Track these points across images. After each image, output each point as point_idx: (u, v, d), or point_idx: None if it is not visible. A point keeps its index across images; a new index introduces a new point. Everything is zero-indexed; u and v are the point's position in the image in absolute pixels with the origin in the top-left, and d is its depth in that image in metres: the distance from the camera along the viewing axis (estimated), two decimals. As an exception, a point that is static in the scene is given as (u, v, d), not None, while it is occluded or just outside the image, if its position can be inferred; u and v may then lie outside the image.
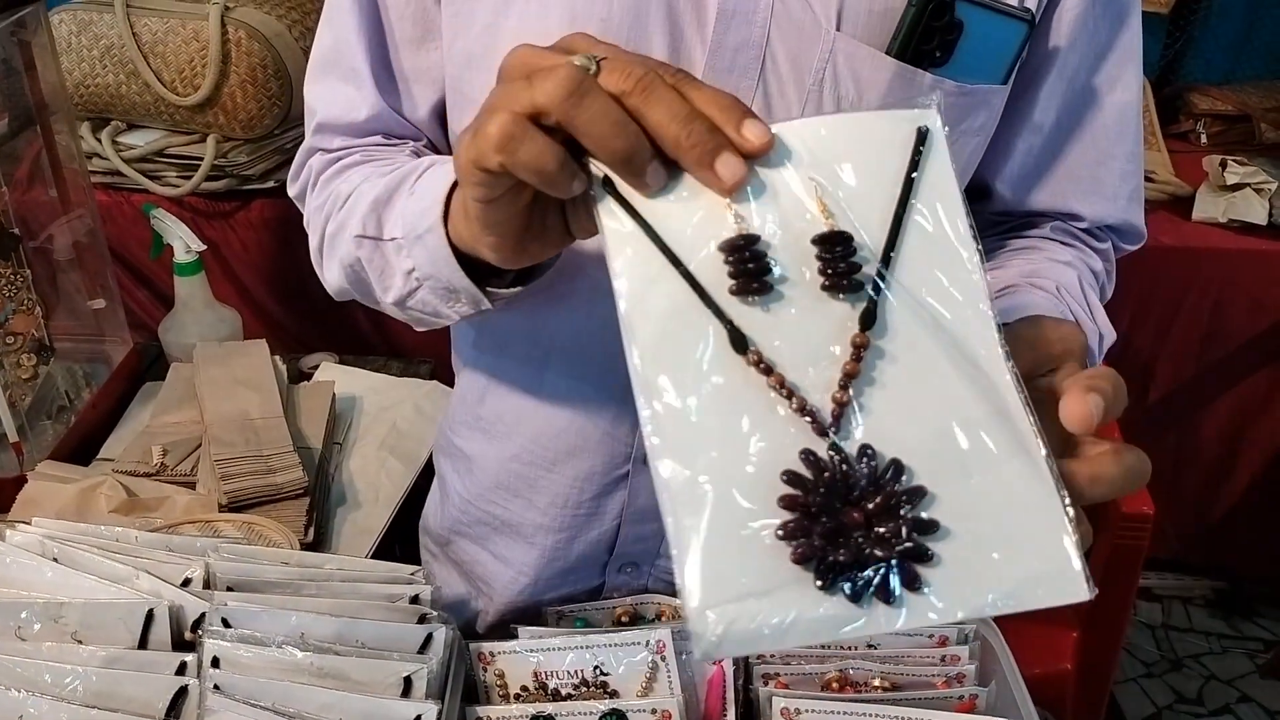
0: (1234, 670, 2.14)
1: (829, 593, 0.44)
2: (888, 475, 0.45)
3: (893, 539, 0.44)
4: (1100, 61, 0.76)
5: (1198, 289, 1.86)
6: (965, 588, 0.44)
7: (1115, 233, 0.84)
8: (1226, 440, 2.01)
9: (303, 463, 1.15)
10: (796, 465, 0.45)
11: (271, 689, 0.71)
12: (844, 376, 0.47)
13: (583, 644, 0.77)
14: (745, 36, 0.67)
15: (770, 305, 0.47)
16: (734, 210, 0.48)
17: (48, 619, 0.76)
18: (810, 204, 0.48)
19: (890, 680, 0.77)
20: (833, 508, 0.45)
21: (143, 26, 1.63)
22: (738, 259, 0.47)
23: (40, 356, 1.24)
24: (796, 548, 0.44)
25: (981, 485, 0.46)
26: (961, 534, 0.45)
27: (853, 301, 0.47)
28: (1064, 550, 0.45)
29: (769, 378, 0.46)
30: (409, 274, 0.68)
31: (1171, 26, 2.18)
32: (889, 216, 0.48)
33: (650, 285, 0.48)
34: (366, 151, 0.80)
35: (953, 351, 0.47)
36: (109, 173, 1.70)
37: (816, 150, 0.49)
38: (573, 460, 0.83)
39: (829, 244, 0.48)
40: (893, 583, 0.44)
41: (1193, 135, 2.09)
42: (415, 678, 0.73)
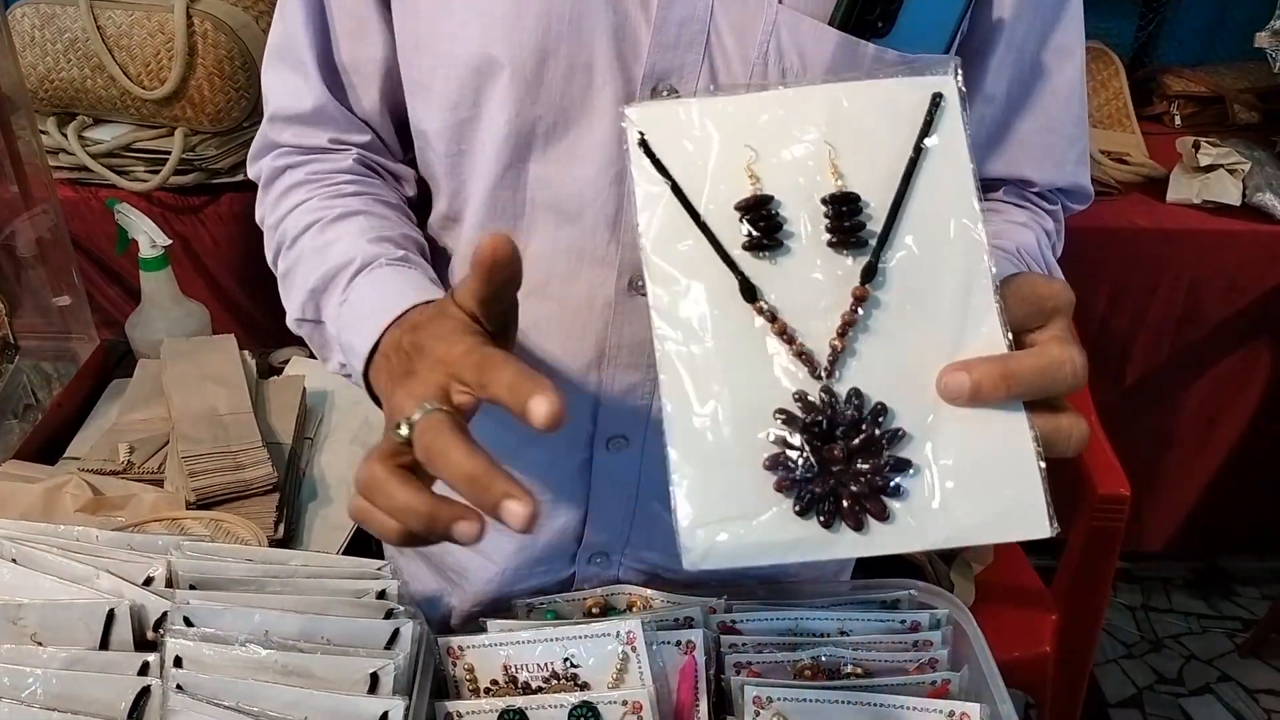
0: (1214, 650, 2.15)
1: (805, 519, 0.49)
2: (871, 417, 0.51)
3: (868, 474, 0.50)
4: (1048, 31, 0.76)
5: (1173, 270, 1.86)
6: (933, 520, 0.50)
7: (1065, 194, 0.86)
8: (1203, 420, 2.02)
9: (272, 458, 1.14)
10: (790, 404, 0.51)
11: (235, 688, 0.70)
12: (842, 325, 0.51)
13: (552, 636, 0.77)
14: (689, 11, 0.67)
15: (780, 259, 0.53)
16: (751, 171, 0.53)
17: (6, 620, 0.75)
18: (824, 166, 0.53)
19: (863, 667, 0.77)
20: (816, 444, 0.50)
21: (107, 19, 1.61)
22: (752, 218, 0.52)
23: (5, 354, 1.22)
24: (779, 477, 0.50)
25: (960, 428, 0.50)
26: (935, 472, 0.50)
27: (856, 256, 0.52)
28: (1032, 490, 0.50)
29: (773, 324, 0.51)
30: (341, 365, 0.75)
31: (1145, 8, 2.18)
32: (898, 177, 0.52)
33: (674, 237, 0.53)
34: (310, 169, 0.80)
35: (947, 304, 0.52)
36: (76, 168, 1.68)
37: (835, 115, 0.53)
38: (533, 447, 0.83)
39: (837, 204, 0.52)
40: (863, 514, 0.49)
41: (1166, 117, 2.09)
42: (382, 673, 0.72)
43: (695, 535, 0.49)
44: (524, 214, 0.75)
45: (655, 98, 0.69)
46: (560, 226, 0.75)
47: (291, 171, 0.81)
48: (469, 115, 0.72)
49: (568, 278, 0.76)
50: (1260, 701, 2.04)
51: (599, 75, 0.69)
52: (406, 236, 0.78)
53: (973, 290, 0.52)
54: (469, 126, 0.73)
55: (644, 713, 0.74)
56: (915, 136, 0.53)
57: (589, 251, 0.75)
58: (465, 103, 0.72)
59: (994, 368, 0.50)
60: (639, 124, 0.54)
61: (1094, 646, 1.59)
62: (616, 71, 0.69)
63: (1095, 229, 1.81)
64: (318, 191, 0.79)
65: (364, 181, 0.81)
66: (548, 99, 0.70)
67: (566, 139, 0.72)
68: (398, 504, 0.53)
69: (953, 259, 0.52)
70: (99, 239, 1.69)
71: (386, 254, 0.74)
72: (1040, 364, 0.51)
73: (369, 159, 0.82)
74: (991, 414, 0.50)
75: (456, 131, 0.74)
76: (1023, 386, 0.50)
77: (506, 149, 0.72)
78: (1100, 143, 1.95)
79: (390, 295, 0.69)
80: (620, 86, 0.69)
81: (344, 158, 0.81)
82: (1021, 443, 0.50)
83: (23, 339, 1.26)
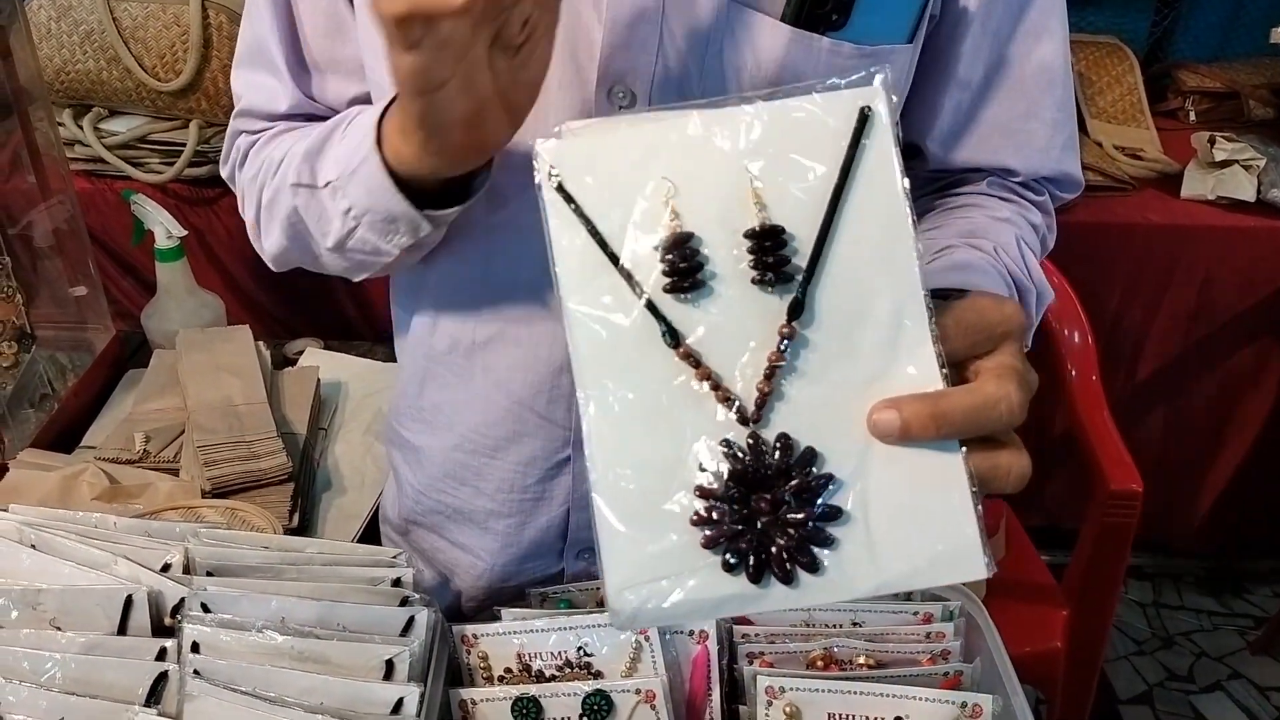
0: (1224, 647, 2.15)
1: (733, 574, 0.48)
2: (800, 464, 0.49)
3: (796, 525, 0.48)
4: (1024, 13, 0.75)
5: (1186, 266, 1.86)
6: (864, 569, 0.48)
7: (1051, 183, 0.83)
8: (1215, 417, 2.02)
9: (287, 448, 1.14)
10: (715, 454, 0.49)
11: (252, 673, 0.71)
12: (769, 366, 0.49)
13: (566, 625, 0.77)
14: (640, 11, 0.67)
15: (703, 299, 0.50)
16: (671, 206, 0.49)
17: (25, 606, 0.75)
18: (746, 197, 0.49)
19: (875, 658, 0.77)
20: (744, 495, 0.48)
21: (123, 11, 1.61)
22: (672, 258, 0.49)
23: (21, 344, 1.23)
24: (706, 533, 0.48)
25: (892, 470, 0.49)
26: (867, 518, 0.48)
27: (781, 293, 0.49)
28: (966, 531, 0.48)
29: (697, 370, 0.49)
30: (346, 214, 0.69)
31: (1160, 3, 2.18)
32: (825, 203, 0.49)
33: (590, 280, 0.50)
34: (284, 128, 0.80)
35: (879, 338, 0.49)
36: (91, 160, 1.69)
37: (759, 138, 0.50)
38: (513, 446, 0.83)
39: (760, 239, 0.49)
40: (790, 566, 0.48)
41: (1181, 113, 2.09)
42: (397, 660, 0.73)
43: (623, 598, 0.49)
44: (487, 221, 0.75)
45: (611, 99, 0.69)
46: (523, 233, 0.74)
47: (266, 135, 0.80)
48: None
49: (533, 284, 0.76)
50: (1271, 699, 2.04)
51: (554, 78, 0.68)
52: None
53: (905, 322, 0.49)
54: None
55: (657, 702, 0.74)
56: (842, 158, 0.49)
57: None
58: None
59: (923, 406, 0.48)
60: (551, 160, 0.51)
61: (1105, 642, 1.59)
62: (572, 74, 0.69)
63: (1109, 225, 1.81)
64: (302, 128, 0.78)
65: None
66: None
67: (524, 146, 0.71)
68: None
69: (884, 288, 0.49)
70: (115, 230, 1.70)
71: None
72: (974, 402, 0.49)
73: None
74: (924, 453, 0.48)
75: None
76: (953, 426, 0.48)
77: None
78: (1114, 138, 1.95)
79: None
80: (576, 89, 0.69)
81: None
82: (955, 483, 0.48)
83: (39, 329, 1.27)
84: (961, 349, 0.51)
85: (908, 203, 0.49)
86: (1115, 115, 2.01)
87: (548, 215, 0.50)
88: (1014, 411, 0.50)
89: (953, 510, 0.48)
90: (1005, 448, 0.51)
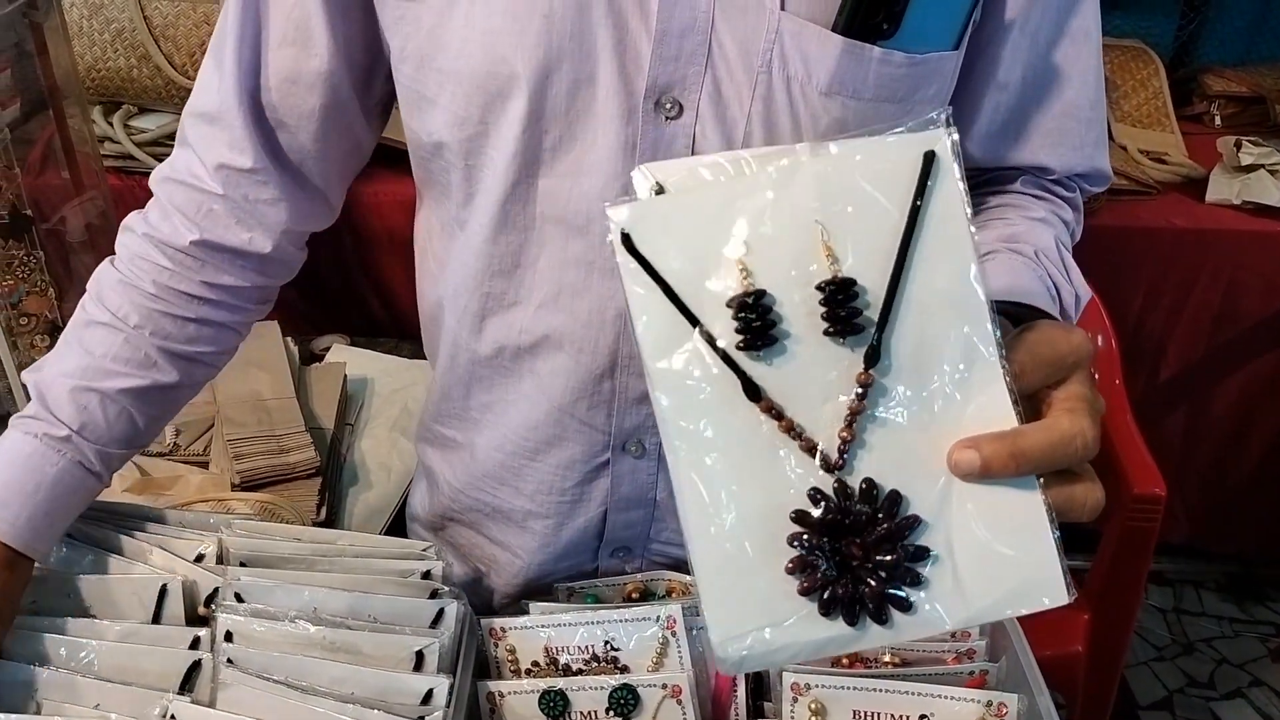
0: (1245, 654, 2.14)
1: (830, 619, 0.51)
2: (886, 507, 0.51)
3: (887, 568, 0.50)
4: (1063, 15, 0.75)
5: (1210, 271, 1.85)
6: (953, 604, 0.51)
7: (1083, 179, 0.84)
8: (1237, 422, 2.00)
9: (315, 443, 1.16)
10: (804, 503, 0.51)
11: (284, 663, 0.72)
12: (849, 414, 0.51)
13: (593, 619, 0.78)
14: (690, 22, 0.67)
15: (779, 353, 0.51)
16: (743, 264, 0.51)
17: (61, 595, 0.77)
18: (816, 249, 0.51)
19: (900, 656, 0.77)
20: (835, 542, 0.51)
21: (154, 10, 1.63)
22: (745, 316, 0.51)
23: (53, 338, 1.24)
24: (802, 581, 0.51)
25: (973, 508, 0.51)
26: (953, 555, 0.51)
27: (854, 344, 0.51)
28: (1047, 561, 0.50)
29: (779, 422, 0.51)
30: None
31: (1186, 7, 2.16)
32: (894, 250, 0.50)
33: (670, 340, 0.51)
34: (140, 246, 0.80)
35: (951, 379, 0.51)
36: (121, 156, 1.70)
37: (825, 190, 0.51)
38: (553, 450, 0.84)
39: (832, 291, 0.50)
40: (885, 607, 0.51)
41: (1206, 117, 2.08)
42: (427, 652, 0.74)
43: (727, 648, 0.51)
44: (534, 226, 0.76)
45: (659, 110, 0.69)
46: (569, 239, 0.75)
47: (134, 239, 0.81)
48: (476, 131, 0.73)
49: (578, 290, 0.77)
50: (1292, 707, 2.03)
51: (602, 89, 0.69)
52: (121, 391, 0.78)
53: (976, 362, 0.51)
54: (478, 142, 0.73)
55: (683, 696, 0.75)
56: (909, 204, 0.50)
57: (598, 264, 0.75)
58: (472, 119, 0.72)
59: (1002, 446, 0.49)
60: (622, 223, 0.51)
61: (1126, 647, 1.58)
62: (620, 85, 0.69)
63: (1133, 229, 1.80)
64: (128, 270, 0.80)
65: (173, 279, 0.80)
66: (553, 114, 0.70)
67: (573, 153, 0.72)
68: None
69: (955, 330, 0.51)
70: (143, 226, 1.71)
71: (52, 426, 0.75)
72: (1050, 439, 0.50)
73: (224, 213, 0.79)
74: (1004, 490, 0.50)
75: (465, 146, 0.74)
76: (1032, 463, 0.50)
77: (515, 164, 0.73)
78: (1139, 142, 1.94)
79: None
80: (624, 100, 0.69)
81: (189, 226, 0.79)
82: (1034, 516, 0.50)
83: (71, 323, 1.28)
84: (1036, 382, 0.52)
85: (974, 244, 0.51)
86: (1140, 119, 2.00)
87: (624, 279, 0.51)
88: (1089, 446, 0.51)
89: (1034, 542, 0.50)
90: (1080, 480, 0.52)
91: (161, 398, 0.81)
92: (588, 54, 0.68)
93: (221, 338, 0.84)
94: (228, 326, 0.84)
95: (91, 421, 0.77)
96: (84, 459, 0.76)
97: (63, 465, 0.75)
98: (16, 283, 1.19)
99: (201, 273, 0.80)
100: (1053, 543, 0.50)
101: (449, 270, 0.82)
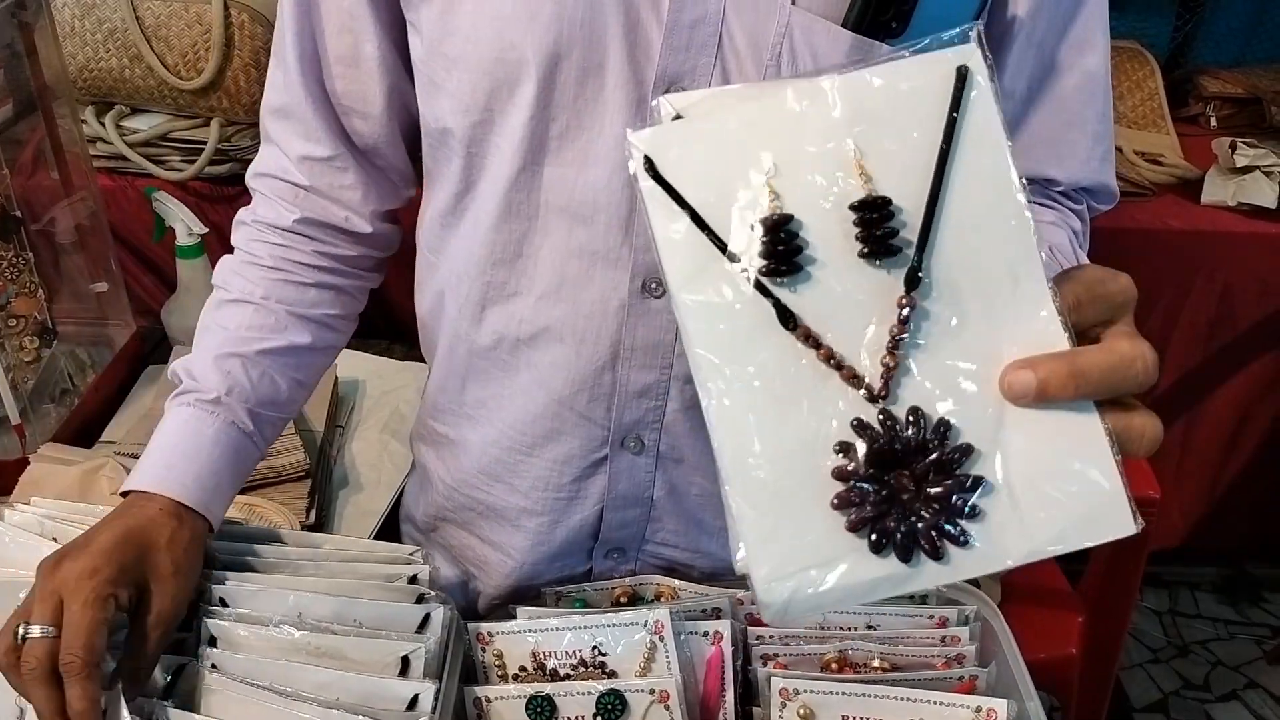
0: (1241, 656, 2.14)
1: (882, 555, 0.47)
2: (936, 436, 0.48)
3: (939, 500, 0.47)
4: (1068, 24, 0.75)
5: (1206, 272, 1.84)
6: (1014, 537, 0.47)
7: (1089, 194, 0.84)
8: (1233, 423, 2.00)
9: (304, 445, 1.15)
10: (849, 434, 0.48)
11: (269, 668, 0.71)
12: (891, 340, 0.48)
13: (581, 624, 0.77)
14: (701, 13, 0.67)
15: (810, 277, 0.48)
16: (771, 186, 0.48)
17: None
18: (849, 168, 0.48)
19: (890, 661, 0.77)
20: (883, 474, 0.47)
21: (146, 10, 1.62)
22: (770, 240, 0.48)
23: (43, 339, 1.24)
24: (849, 516, 0.47)
25: (1029, 434, 0.47)
26: (1010, 485, 0.47)
27: (890, 266, 0.48)
28: (1111, 489, 0.47)
29: (818, 351, 0.48)
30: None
31: (1181, 8, 2.16)
32: (930, 168, 0.48)
33: (698, 268, 0.49)
34: (252, 233, 0.87)
35: (997, 301, 0.48)
36: (113, 157, 1.69)
37: (856, 108, 0.48)
38: (550, 444, 0.84)
39: (866, 210, 0.48)
40: (939, 541, 0.47)
41: (1202, 118, 2.07)
42: (413, 657, 0.73)
43: (772, 591, 0.48)
44: (538, 215, 0.76)
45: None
46: (573, 229, 0.75)
47: (245, 228, 0.88)
48: (482, 118, 0.73)
49: (581, 280, 0.77)
50: (1287, 709, 2.03)
51: (611, 78, 0.69)
52: (260, 353, 0.83)
53: (1022, 280, 0.48)
54: (483, 129, 0.74)
55: (671, 702, 0.74)
56: (944, 121, 0.48)
57: (602, 254, 0.75)
58: (478, 105, 0.73)
59: (1061, 365, 0.47)
60: (645, 149, 0.49)
61: (1120, 649, 1.58)
62: (629, 74, 0.69)
63: (1128, 230, 1.80)
64: (245, 253, 0.86)
65: (288, 252, 0.86)
66: (561, 102, 0.71)
67: (579, 142, 0.72)
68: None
69: (998, 249, 0.48)
70: (136, 227, 1.71)
71: (202, 392, 0.80)
72: (1110, 360, 0.48)
73: (318, 198, 0.85)
74: (1061, 415, 0.47)
75: (470, 133, 0.74)
76: (1092, 385, 0.47)
77: (521, 152, 0.73)
78: (1135, 143, 1.94)
79: (155, 459, 0.78)
80: (632, 89, 0.70)
81: (289, 208, 0.85)
82: (1095, 441, 0.47)
83: (61, 325, 1.28)
84: (1090, 317, 0.50)
85: (1013, 161, 0.48)
86: (1136, 120, 2.00)
87: (646, 206, 0.49)
88: (1149, 370, 0.49)
89: (1096, 469, 0.47)
90: (1137, 410, 0.49)
91: (298, 360, 0.86)
92: (598, 42, 0.68)
93: (343, 301, 0.90)
94: (345, 291, 0.90)
95: (237, 385, 0.81)
96: (237, 419, 0.81)
97: (218, 426, 0.80)
98: (6, 284, 1.18)
99: (312, 244, 0.86)
100: (1116, 471, 0.47)
101: (452, 259, 0.82)
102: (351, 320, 0.92)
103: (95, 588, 0.67)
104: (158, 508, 0.74)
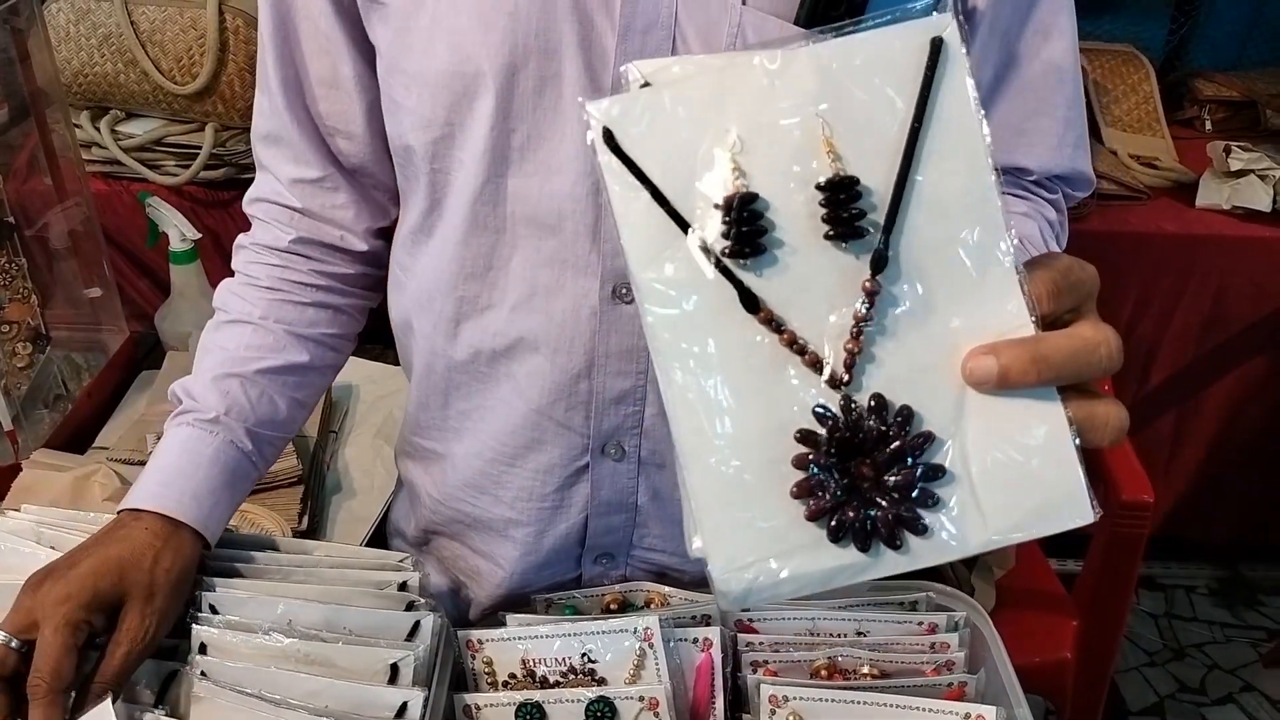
0: (1237, 659, 2.13)
1: (841, 545, 0.47)
2: (897, 423, 0.47)
3: (900, 489, 0.47)
4: (1031, 11, 0.75)
5: (1200, 276, 1.85)
6: (972, 526, 0.47)
7: (1064, 181, 0.84)
8: (1228, 427, 2.00)
9: (297, 451, 1.15)
10: (810, 421, 0.47)
11: (258, 676, 0.71)
12: (855, 325, 0.47)
13: (570, 631, 0.77)
14: (653, 17, 0.68)
15: (777, 259, 0.47)
16: (736, 165, 0.46)
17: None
18: (816, 146, 0.46)
19: (879, 668, 0.77)
20: (844, 462, 0.47)
21: (140, 15, 1.63)
22: (733, 219, 0.46)
23: (36, 345, 1.24)
24: (808, 505, 0.47)
25: (990, 421, 0.47)
26: (970, 473, 0.47)
27: (858, 250, 0.47)
28: (1072, 478, 0.47)
29: (780, 335, 0.47)
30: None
31: (1176, 12, 2.17)
32: (901, 145, 0.46)
33: (659, 247, 0.47)
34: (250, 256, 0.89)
35: (964, 286, 0.47)
36: (108, 162, 1.70)
37: (825, 82, 0.46)
38: (531, 454, 0.84)
39: (833, 190, 0.46)
40: (897, 530, 0.47)
41: (1197, 122, 2.08)
42: (402, 665, 0.73)
43: (730, 582, 0.47)
44: (505, 228, 0.76)
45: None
46: (541, 239, 0.75)
47: (245, 251, 0.89)
48: (443, 133, 0.73)
49: (552, 290, 0.77)
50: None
51: (568, 86, 0.70)
52: (259, 372, 0.84)
53: (990, 268, 0.47)
54: (444, 144, 0.74)
55: (660, 709, 0.74)
56: (916, 98, 0.46)
57: (571, 262, 0.75)
58: (438, 120, 0.73)
59: (1023, 350, 0.46)
60: (604, 120, 0.47)
61: (1115, 653, 1.58)
62: (586, 81, 0.69)
63: (1123, 233, 1.80)
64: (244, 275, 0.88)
65: (285, 273, 0.87)
66: (520, 113, 0.71)
67: (541, 151, 0.72)
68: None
69: (967, 233, 0.46)
70: (130, 232, 1.71)
71: (200, 412, 0.81)
72: (1073, 345, 0.47)
73: (312, 219, 0.86)
74: (1022, 402, 0.47)
75: (432, 149, 0.75)
76: (1054, 370, 0.46)
77: (483, 165, 0.73)
78: (1130, 147, 1.94)
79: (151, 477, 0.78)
80: (592, 95, 0.69)
81: (285, 230, 0.86)
82: (1056, 429, 0.47)
83: (54, 330, 1.27)
84: (1058, 308, 0.49)
85: (986, 136, 0.47)
86: (1131, 124, 2.00)
87: (605, 180, 0.47)
88: (1113, 356, 0.48)
89: (1056, 458, 0.47)
90: (1101, 399, 0.49)
91: (297, 379, 0.87)
92: (553, 51, 0.69)
93: (341, 320, 0.91)
94: (344, 310, 0.91)
95: (236, 404, 0.82)
96: (236, 438, 0.81)
97: (217, 445, 0.80)
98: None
99: (309, 263, 0.87)
100: (1076, 458, 0.46)
101: (421, 277, 0.82)
102: (350, 340, 0.93)
103: (67, 614, 0.67)
104: (144, 528, 0.74)
